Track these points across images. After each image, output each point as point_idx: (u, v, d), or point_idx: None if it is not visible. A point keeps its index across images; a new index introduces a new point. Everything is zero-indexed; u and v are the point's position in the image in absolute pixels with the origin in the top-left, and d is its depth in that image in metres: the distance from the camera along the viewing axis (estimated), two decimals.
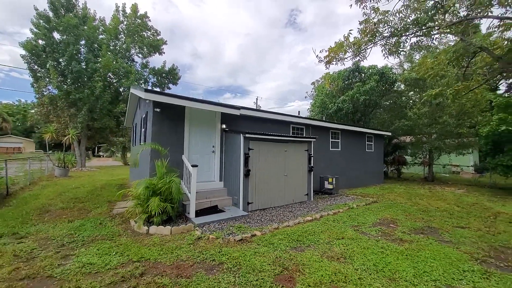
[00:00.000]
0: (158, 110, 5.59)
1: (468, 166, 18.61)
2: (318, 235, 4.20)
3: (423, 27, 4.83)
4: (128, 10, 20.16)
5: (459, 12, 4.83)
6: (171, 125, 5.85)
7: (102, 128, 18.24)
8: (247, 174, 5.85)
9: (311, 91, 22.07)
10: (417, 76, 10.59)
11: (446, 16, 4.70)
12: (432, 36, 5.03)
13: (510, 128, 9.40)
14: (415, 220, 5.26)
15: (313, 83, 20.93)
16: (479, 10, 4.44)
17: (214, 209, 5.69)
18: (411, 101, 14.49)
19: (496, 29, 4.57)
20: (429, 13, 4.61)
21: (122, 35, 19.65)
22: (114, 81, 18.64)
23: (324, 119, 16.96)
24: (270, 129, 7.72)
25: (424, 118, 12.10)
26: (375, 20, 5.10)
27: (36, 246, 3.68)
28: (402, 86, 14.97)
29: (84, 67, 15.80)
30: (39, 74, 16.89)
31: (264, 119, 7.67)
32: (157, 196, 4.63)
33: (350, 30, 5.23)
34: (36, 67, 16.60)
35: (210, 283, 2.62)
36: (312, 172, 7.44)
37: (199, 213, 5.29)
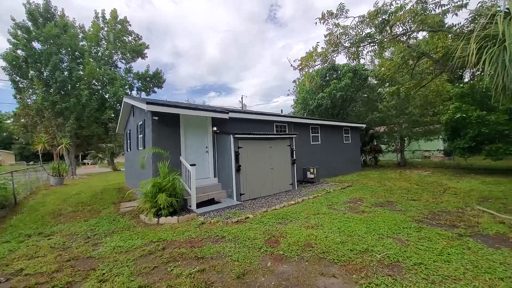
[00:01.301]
0: (156, 118, 6.34)
1: (438, 151, 20.56)
2: (299, 213, 5.21)
3: (375, 39, 5.91)
4: (107, 16, 20.20)
5: (403, 25, 5.95)
6: (168, 131, 6.62)
7: (90, 136, 18.38)
8: (238, 169, 6.76)
9: (293, 88, 23.20)
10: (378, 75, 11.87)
11: (392, 29, 5.80)
12: (383, 45, 6.14)
13: (464, 115, 10.89)
14: (378, 198, 6.42)
15: (294, 81, 22.01)
16: (416, 25, 5.56)
17: (211, 201, 6.56)
18: (381, 95, 15.90)
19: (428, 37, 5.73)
20: (378, 28, 5.68)
21: (104, 42, 19.70)
22: (99, 88, 18.75)
23: (305, 115, 18.13)
24: (256, 128, 8.64)
25: (392, 110, 13.51)
26: (337, 33, 6.10)
27: (66, 240, 4.40)
28: (374, 81, 16.37)
29: (68, 75, 15.90)
30: (21, 85, 16.77)
31: (251, 119, 8.57)
32: (163, 193, 5.43)
33: (317, 42, 6.24)
34: (18, 78, 16.47)
35: (217, 249, 3.53)
36: (295, 164, 8.47)
37: (199, 205, 6.14)
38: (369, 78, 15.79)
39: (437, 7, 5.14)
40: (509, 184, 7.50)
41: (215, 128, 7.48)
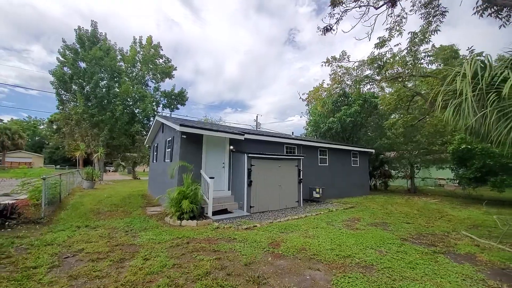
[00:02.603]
0: (184, 136, 7.58)
1: (450, 179, 20.29)
2: (300, 226, 6.00)
3: (373, 80, 6.92)
4: (144, 42, 22.96)
5: (398, 69, 6.94)
6: (193, 147, 7.81)
7: (119, 145, 20.30)
8: (249, 184, 7.72)
9: (306, 110, 24.27)
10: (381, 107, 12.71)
11: (387, 73, 6.80)
12: (381, 85, 7.11)
13: (469, 147, 11.29)
14: (375, 219, 7.04)
15: (307, 105, 23.12)
16: (408, 70, 6.53)
17: (225, 211, 7.50)
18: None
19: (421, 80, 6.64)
20: (375, 71, 6.71)
21: (139, 64, 22.27)
22: (130, 103, 20.96)
23: (317, 137, 18.98)
24: (268, 148, 9.66)
25: (400, 137, 14.06)
26: (341, 73, 7.19)
27: (109, 232, 5.49)
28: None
29: (106, 92, 18.16)
30: (64, 98, 19.24)
31: (263, 141, 9.63)
32: (187, 199, 6.48)
33: (323, 80, 7.36)
34: (62, 92, 18.99)
35: (229, 246, 4.43)
36: (301, 184, 9.28)
37: (214, 213, 7.10)
38: (378, 105, 16.55)
39: (425, 57, 6.10)
40: (506, 214, 7.80)
41: (231, 147, 8.60)
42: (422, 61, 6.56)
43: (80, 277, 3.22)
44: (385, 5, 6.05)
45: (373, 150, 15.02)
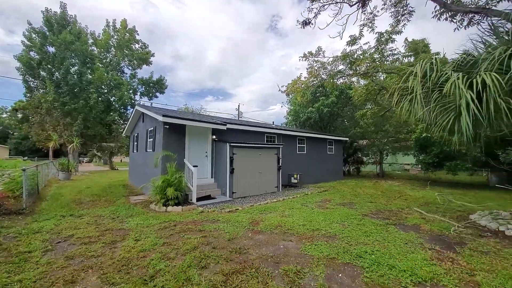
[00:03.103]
0: (167, 126, 7.74)
1: (415, 164, 22.40)
2: (277, 207, 6.64)
3: (345, 74, 7.53)
4: (118, 25, 21.67)
5: (368, 64, 7.61)
6: (176, 137, 8.02)
7: (94, 135, 19.52)
8: (232, 171, 8.17)
9: (287, 100, 24.87)
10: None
11: (358, 68, 7.44)
12: (352, 79, 7.77)
13: (429, 135, 12.64)
14: (344, 200, 7.92)
15: (287, 95, 23.65)
16: (375, 67, 7.21)
17: (208, 197, 7.94)
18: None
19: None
20: (348, 66, 7.31)
21: (113, 49, 21.11)
22: (105, 91, 20.03)
23: (297, 126, 19.75)
24: (249, 137, 10.10)
25: (372, 126, 15.23)
26: (317, 67, 7.71)
27: (96, 219, 5.69)
28: None
29: (78, 79, 17.18)
30: (32, 85, 17.92)
31: (245, 130, 10.04)
32: (171, 187, 6.79)
33: (301, 73, 7.84)
34: (30, 78, 17.64)
35: (214, 226, 4.91)
36: (280, 170, 9.93)
37: (198, 199, 7.50)
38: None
39: (391, 56, 6.81)
40: (457, 195, 9.12)
41: (214, 137, 8.92)
42: (390, 58, 7.28)
43: (76, 257, 3.52)
44: (357, 4, 6.55)
45: (347, 139, 16.13)
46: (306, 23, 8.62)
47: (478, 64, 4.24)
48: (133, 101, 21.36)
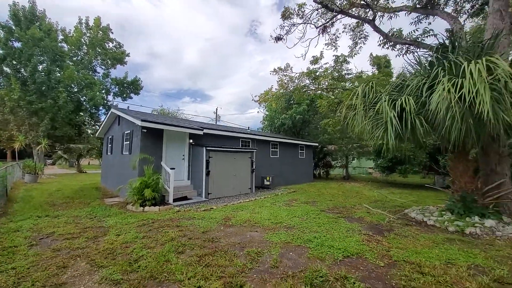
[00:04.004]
0: (145, 130, 8.12)
1: (377, 168, 24.70)
2: (249, 206, 7.38)
3: (309, 89, 8.59)
4: (91, 23, 21.03)
5: (327, 81, 8.76)
6: (153, 140, 8.41)
7: (62, 136, 18.63)
8: (207, 174, 8.75)
9: (263, 106, 25.92)
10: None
11: (322, 83, 8.55)
12: (316, 93, 8.87)
13: (384, 142, 14.36)
14: (309, 199, 8.92)
15: (259, 104, 24.70)
16: (335, 86, 8.37)
17: (184, 198, 8.42)
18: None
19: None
20: (311, 81, 8.37)
21: (85, 47, 20.42)
22: (75, 90, 19.29)
23: (272, 131, 20.80)
24: (225, 142, 10.75)
25: (338, 133, 16.76)
26: (286, 81, 8.68)
27: (74, 219, 5.93)
28: None
29: (47, 77, 16.43)
30: None
31: (221, 135, 10.68)
32: (148, 188, 7.19)
33: (272, 85, 8.75)
34: None
35: (190, 222, 5.50)
36: (254, 173, 10.71)
37: (175, 200, 7.96)
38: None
39: (346, 74, 8.01)
40: (404, 194, 10.65)
41: (191, 141, 9.43)
42: (346, 76, 8.51)
43: (62, 249, 3.90)
44: (318, 29, 7.67)
45: (317, 144, 17.49)
46: (278, 38, 9.63)
47: (404, 88, 5.44)
48: (105, 102, 20.78)
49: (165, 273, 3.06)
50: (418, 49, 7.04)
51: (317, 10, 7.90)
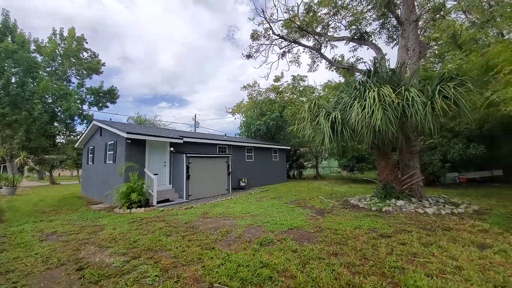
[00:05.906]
0: (129, 141, 9.07)
1: (343, 167, 27.19)
2: (224, 203, 8.66)
3: (275, 102, 10.16)
4: (65, 33, 21.05)
5: (290, 95, 10.39)
6: (137, 150, 9.37)
7: (36, 148, 18.38)
8: (188, 178, 9.88)
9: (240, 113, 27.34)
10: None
11: (283, 97, 10.15)
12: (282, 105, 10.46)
13: (345, 144, 16.47)
14: (277, 195, 10.41)
15: (233, 115, 26.05)
16: (295, 100, 10.02)
17: (167, 200, 9.45)
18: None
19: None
20: (276, 95, 9.94)
21: (59, 58, 20.39)
22: (50, 101, 19.19)
23: (247, 137, 22.22)
24: (203, 149, 11.93)
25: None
26: (255, 94, 10.16)
27: (68, 222, 6.76)
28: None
29: (21, 89, 16.35)
30: None
31: (199, 143, 11.85)
32: (134, 192, 8.16)
33: (243, 99, 10.19)
34: None
35: (174, 218, 6.64)
36: (230, 176, 11.99)
37: (158, 202, 8.98)
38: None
39: (305, 90, 9.75)
40: (359, 187, 12.56)
41: (172, 149, 10.50)
42: (305, 91, 10.24)
43: (70, 241, 4.89)
44: (278, 54, 9.29)
45: (289, 147, 19.22)
46: (249, 56, 11.13)
47: (339, 104, 7.15)
48: (80, 112, 20.82)
49: (159, 247, 4.26)
50: (353, 72, 8.94)
51: (278, 37, 9.56)
